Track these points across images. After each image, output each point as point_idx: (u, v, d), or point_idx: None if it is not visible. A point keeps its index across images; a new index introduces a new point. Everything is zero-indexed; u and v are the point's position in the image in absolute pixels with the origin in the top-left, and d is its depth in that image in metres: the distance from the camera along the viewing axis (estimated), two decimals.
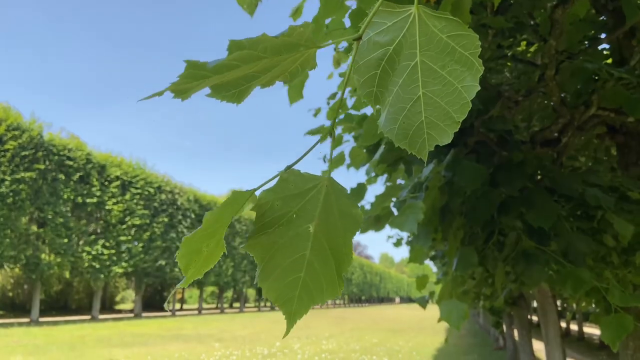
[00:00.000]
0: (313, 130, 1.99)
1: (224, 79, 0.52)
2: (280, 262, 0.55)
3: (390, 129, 0.51)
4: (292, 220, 0.55)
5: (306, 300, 0.56)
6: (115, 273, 18.93)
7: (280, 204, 0.55)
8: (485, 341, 16.51)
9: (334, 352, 11.69)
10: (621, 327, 1.58)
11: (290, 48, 0.52)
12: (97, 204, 18.10)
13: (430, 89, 0.49)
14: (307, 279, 0.56)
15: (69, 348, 10.39)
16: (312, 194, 0.55)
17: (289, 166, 0.57)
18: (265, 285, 0.56)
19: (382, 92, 0.53)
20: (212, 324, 18.98)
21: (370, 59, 0.52)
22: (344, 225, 0.54)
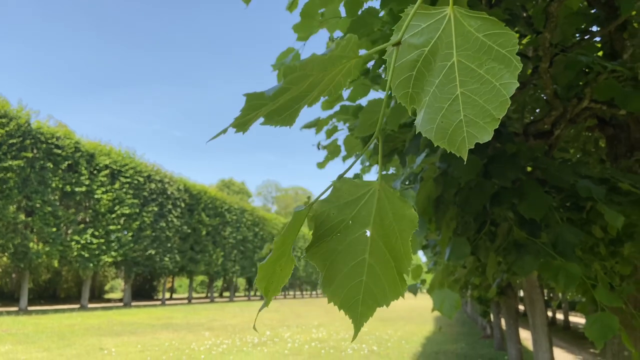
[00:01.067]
0: (309, 124, 1.99)
1: (277, 104, 0.53)
2: (341, 267, 0.57)
3: (429, 128, 0.52)
4: (348, 226, 0.56)
5: (370, 303, 0.57)
6: (105, 262, 18.85)
7: (335, 213, 0.56)
8: (473, 330, 16.71)
9: (324, 340, 11.77)
10: (607, 327, 1.60)
11: (335, 62, 0.53)
12: (86, 193, 17.97)
13: (469, 88, 0.50)
14: (369, 282, 0.56)
15: (59, 337, 10.37)
16: (365, 200, 0.56)
17: (341, 175, 0.58)
18: (329, 291, 0.57)
19: (417, 93, 0.54)
20: (202, 313, 19.01)
21: (405, 61, 0.53)
22: (400, 227, 0.55)
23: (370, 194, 0.56)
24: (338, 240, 0.56)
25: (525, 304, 7.49)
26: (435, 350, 10.80)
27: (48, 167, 16.23)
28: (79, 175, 17.65)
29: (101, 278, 31.08)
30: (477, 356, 10.10)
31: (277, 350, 9.77)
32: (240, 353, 9.17)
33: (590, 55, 1.59)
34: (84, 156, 17.95)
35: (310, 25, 1.61)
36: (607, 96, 1.68)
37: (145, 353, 8.69)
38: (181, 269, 24.10)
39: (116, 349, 9.06)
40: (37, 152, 15.84)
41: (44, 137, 16.21)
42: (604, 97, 1.68)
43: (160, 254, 21.90)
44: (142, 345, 9.62)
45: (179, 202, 23.41)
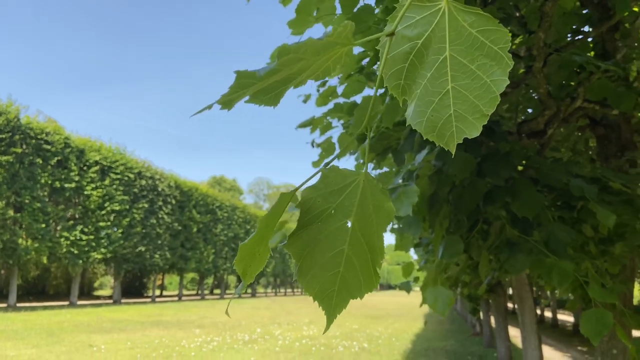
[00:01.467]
0: (304, 123, 1.98)
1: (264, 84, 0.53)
2: (319, 257, 0.56)
3: (418, 121, 0.52)
4: (331, 215, 0.56)
5: (345, 295, 0.57)
6: (94, 259, 18.73)
7: (321, 201, 0.55)
8: (463, 327, 16.82)
9: (315, 338, 11.79)
10: (601, 324, 1.62)
11: (328, 48, 0.52)
12: (76, 189, 17.82)
13: (459, 83, 0.50)
14: (345, 274, 0.56)
15: (48, 333, 10.30)
16: (350, 190, 0.56)
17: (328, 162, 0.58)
18: (305, 281, 0.57)
19: (409, 85, 0.53)
20: (193, 310, 18.96)
21: (398, 53, 0.53)
22: (378, 219, 0.55)
23: (354, 184, 0.56)
24: (319, 229, 0.56)
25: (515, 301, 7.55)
26: (425, 347, 10.86)
27: (37, 162, 16.08)
28: (69, 171, 17.50)
29: (90, 275, 30.88)
30: (467, 353, 10.17)
31: (267, 347, 9.77)
32: (231, 350, 9.17)
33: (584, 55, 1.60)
34: (73, 152, 17.80)
35: (305, 21, 1.61)
36: (600, 96, 1.69)
37: (135, 350, 8.65)
38: (172, 266, 24.00)
39: (105, 346, 9.02)
40: (26, 147, 15.68)
41: (34, 133, 16.05)
42: (597, 96, 1.70)
43: (151, 251, 21.79)
44: (132, 343, 9.58)
45: (170, 199, 23.29)
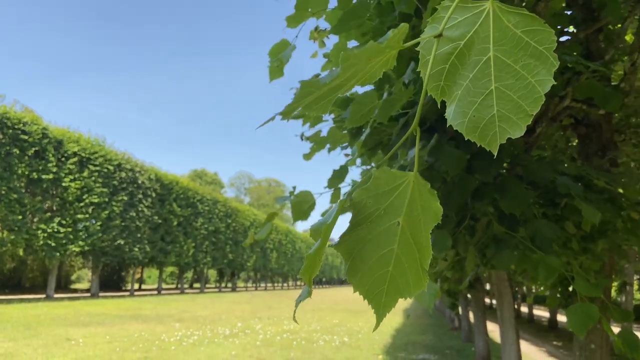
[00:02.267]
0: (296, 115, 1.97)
1: (320, 92, 0.53)
2: (368, 257, 0.56)
3: (460, 122, 0.52)
4: (380, 216, 0.56)
5: (394, 294, 0.57)
6: (72, 252, 18.44)
7: (372, 202, 0.56)
8: (441, 322, 17.04)
9: (296, 332, 11.83)
10: (587, 317, 1.66)
11: (381, 52, 0.52)
12: (53, 181, 17.49)
13: (503, 83, 0.50)
14: (395, 273, 0.57)
15: (24, 327, 10.13)
16: (400, 190, 0.56)
17: (379, 164, 0.58)
18: (355, 280, 0.57)
19: (449, 86, 0.54)
20: (172, 304, 18.83)
21: (439, 54, 0.53)
22: (425, 219, 0.56)
23: (404, 185, 0.56)
24: (368, 229, 0.56)
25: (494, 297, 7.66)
26: (405, 342, 10.98)
27: (14, 153, 15.74)
28: (46, 162, 17.16)
29: (67, 268, 30.43)
30: (445, 347, 10.32)
31: (248, 341, 9.77)
32: (212, 344, 9.14)
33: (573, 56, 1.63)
34: (51, 143, 17.46)
35: (302, 16, 1.61)
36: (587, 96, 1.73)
37: (114, 344, 8.57)
38: (151, 259, 23.76)
39: (84, 339, 8.91)
40: (2, 137, 15.34)
41: (10, 123, 15.69)
42: (584, 96, 1.73)
43: (130, 244, 21.55)
44: (111, 336, 9.48)
45: (150, 192, 23.04)
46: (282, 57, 1.72)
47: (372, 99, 1.24)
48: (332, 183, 1.77)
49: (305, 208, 1.71)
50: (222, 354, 8.12)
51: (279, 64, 1.74)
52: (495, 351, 9.66)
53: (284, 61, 1.73)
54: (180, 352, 8.04)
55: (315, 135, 2.26)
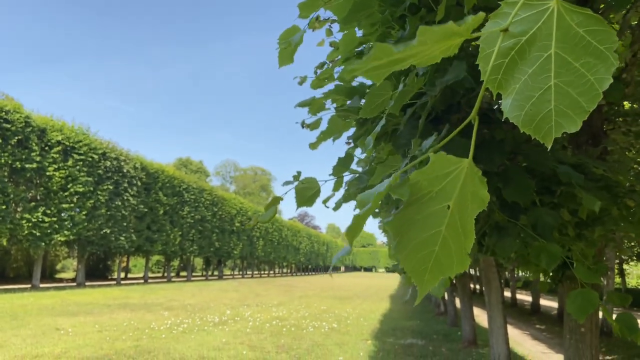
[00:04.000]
0: (303, 102, 1.99)
1: (382, 62, 0.54)
2: (416, 236, 0.59)
3: (516, 115, 0.55)
4: (432, 198, 0.58)
5: (437, 273, 0.60)
6: (57, 241, 18.26)
7: (426, 184, 0.58)
8: (427, 307, 17.28)
9: (284, 318, 11.92)
10: (588, 302, 1.72)
11: (449, 37, 0.54)
12: (37, 170, 17.24)
13: (562, 79, 0.52)
14: (440, 254, 0.59)
15: (11, 317, 10.06)
16: (453, 175, 0.58)
17: (436, 149, 0.60)
18: (402, 256, 0.60)
19: (506, 80, 0.55)
20: (160, 293, 18.80)
21: (499, 48, 0.55)
22: (472, 205, 0.58)
23: (458, 170, 0.58)
24: (418, 209, 0.59)
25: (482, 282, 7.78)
26: (392, 327, 11.14)
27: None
28: (30, 151, 16.90)
29: (52, 257, 30.11)
30: (432, 332, 10.50)
31: (238, 329, 9.83)
32: (202, 332, 9.18)
33: None
34: (34, 132, 17.17)
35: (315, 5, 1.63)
36: None
37: (104, 333, 8.57)
38: (137, 248, 23.64)
39: (73, 329, 8.89)
40: None
41: None
42: None
43: (116, 233, 21.40)
44: (100, 325, 9.47)
45: (135, 181, 22.84)
46: (292, 41, 1.73)
47: (386, 90, 1.27)
48: (338, 171, 1.80)
49: (310, 194, 1.73)
50: (213, 341, 8.17)
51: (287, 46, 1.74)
52: (481, 335, 9.86)
53: (294, 45, 1.74)
54: (170, 340, 8.07)
55: (316, 123, 2.29)
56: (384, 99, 1.28)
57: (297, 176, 1.68)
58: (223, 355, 6.95)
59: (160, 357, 6.69)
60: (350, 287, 30.69)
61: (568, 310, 1.75)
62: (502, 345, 5.99)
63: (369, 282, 41.02)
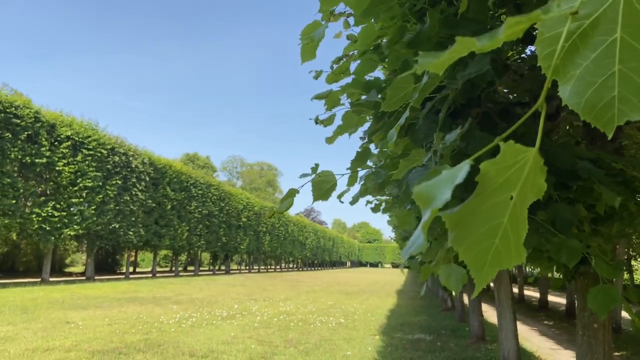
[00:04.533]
0: (320, 95, 1.99)
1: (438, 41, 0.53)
2: (476, 228, 0.57)
3: (576, 102, 0.53)
4: (496, 189, 0.57)
5: (495, 265, 0.58)
6: (67, 235, 18.41)
7: (493, 174, 0.56)
8: (434, 302, 17.28)
9: (292, 313, 11.96)
10: (609, 298, 1.71)
11: (514, 25, 0.52)
12: (47, 165, 17.37)
13: (628, 65, 0.50)
14: (500, 246, 0.57)
15: (22, 311, 10.16)
16: (519, 165, 0.56)
17: (503, 138, 0.58)
18: (461, 249, 0.58)
19: (564, 66, 0.54)
20: (168, 287, 18.91)
21: (559, 32, 0.53)
22: (530, 195, 0.57)
23: (524, 160, 0.56)
24: (481, 200, 0.57)
25: None
26: (400, 322, 11.15)
27: (6, 137, 15.58)
28: (39, 146, 17.01)
29: (61, 251, 30.37)
30: (440, 327, 10.50)
31: (246, 323, 9.88)
32: (210, 326, 9.24)
33: None
34: (44, 127, 17.28)
35: None
36: None
37: (114, 326, 8.64)
38: (145, 243, 23.79)
39: (83, 322, 8.97)
40: None
41: (2, 106, 15.49)
42: None
43: (124, 228, 21.54)
44: (110, 319, 9.55)
45: (144, 176, 22.95)
46: (314, 36, 1.72)
47: (408, 84, 1.27)
48: (355, 165, 1.80)
49: (326, 188, 1.73)
50: (222, 335, 8.22)
51: (310, 42, 1.74)
52: (489, 331, 9.85)
53: (317, 40, 1.74)
54: (180, 334, 8.13)
55: (330, 119, 2.28)
56: (405, 92, 1.28)
57: (315, 169, 1.68)
58: (232, 349, 6.99)
59: (170, 350, 6.74)
60: (357, 283, 30.73)
61: (589, 306, 1.74)
62: (511, 341, 5.98)
63: (375, 278, 41.06)
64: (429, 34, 1.41)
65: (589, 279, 2.85)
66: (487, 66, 1.20)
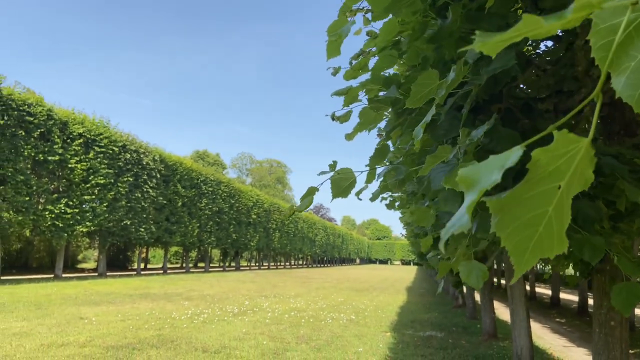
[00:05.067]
0: (340, 91, 1.99)
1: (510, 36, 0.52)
2: (521, 215, 0.57)
3: (629, 94, 0.52)
4: (544, 177, 0.56)
5: (537, 253, 0.58)
6: (79, 232, 18.59)
7: (544, 163, 0.56)
8: (444, 300, 17.23)
9: (303, 310, 11.99)
10: (633, 295, 1.69)
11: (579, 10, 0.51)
12: (59, 162, 17.54)
13: None
14: (543, 234, 0.57)
15: (36, 306, 10.28)
16: (570, 155, 0.56)
17: (556, 127, 0.57)
18: (504, 235, 0.58)
19: (619, 57, 0.53)
20: (179, 283, 19.04)
21: (615, 24, 0.52)
22: (576, 185, 0.57)
23: (575, 150, 0.56)
24: (527, 188, 0.57)
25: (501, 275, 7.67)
26: (411, 319, 11.14)
27: (20, 134, 15.75)
28: (52, 144, 17.18)
29: (74, 248, 30.68)
30: (451, 324, 10.47)
31: (257, 319, 9.92)
32: (222, 322, 9.29)
33: None
34: (56, 124, 17.44)
35: None
36: None
37: (127, 322, 8.71)
38: (157, 239, 23.95)
39: (96, 318, 9.06)
40: (8, 119, 15.32)
41: (15, 104, 15.66)
42: None
43: (136, 225, 21.70)
44: (122, 315, 9.63)
45: (155, 173, 23.10)
46: (341, 32, 1.72)
47: (433, 80, 1.26)
48: (374, 162, 1.80)
49: (346, 185, 1.73)
50: (233, 331, 8.26)
51: (337, 39, 1.74)
52: (501, 328, 9.81)
53: (343, 36, 1.74)
54: (192, 330, 8.18)
55: (346, 116, 2.28)
56: (430, 88, 1.27)
57: (333, 166, 1.68)
58: (244, 345, 7.02)
59: (183, 346, 6.79)
60: (367, 279, 30.72)
61: (613, 304, 1.72)
62: (524, 338, 5.95)
63: (384, 274, 41.02)
64: (450, 29, 1.41)
65: (605, 276, 2.82)
66: (513, 61, 1.19)
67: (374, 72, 1.83)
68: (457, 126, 1.41)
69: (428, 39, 1.46)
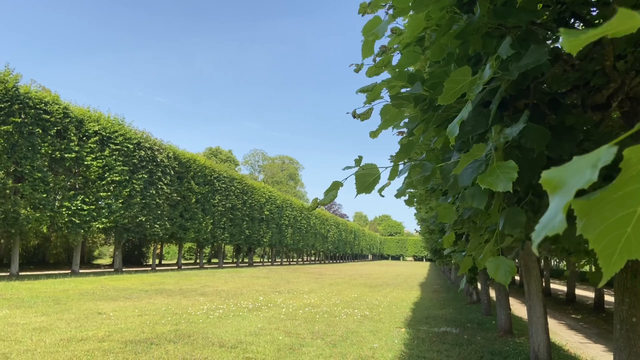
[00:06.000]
0: (365, 88, 2.00)
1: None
2: (608, 216, 0.56)
3: None
4: (633, 177, 0.56)
5: (625, 254, 0.57)
6: (95, 228, 18.81)
7: (635, 161, 0.54)
8: (459, 296, 17.16)
9: (317, 306, 12.02)
10: None
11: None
12: (76, 159, 17.77)
13: None
14: (631, 235, 0.56)
15: (54, 302, 10.43)
16: None
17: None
18: (592, 237, 0.57)
19: None
20: (193, 279, 19.19)
21: None
22: None
23: None
24: (615, 188, 0.56)
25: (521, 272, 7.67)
26: (425, 315, 11.12)
27: (37, 132, 15.97)
28: (68, 141, 17.40)
29: (90, 244, 31.07)
30: (466, 321, 10.43)
31: (272, 315, 9.98)
32: (237, 317, 9.35)
33: None
34: (72, 122, 17.66)
35: None
36: None
37: (144, 317, 8.81)
38: (171, 235, 24.17)
39: (114, 313, 9.17)
40: (25, 117, 15.54)
41: (32, 103, 15.87)
42: None
43: (151, 221, 21.90)
44: (139, 310, 9.74)
45: (169, 170, 23.29)
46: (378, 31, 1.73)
47: (465, 76, 1.26)
48: (399, 158, 1.80)
49: (370, 181, 1.74)
50: (249, 326, 8.32)
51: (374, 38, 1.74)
52: (516, 324, 9.76)
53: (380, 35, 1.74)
54: (208, 325, 8.25)
55: (367, 113, 2.29)
56: (462, 84, 1.27)
57: (359, 161, 1.68)
58: (260, 340, 7.07)
59: (200, 341, 6.85)
60: (379, 275, 30.70)
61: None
62: (541, 334, 5.91)
63: (397, 270, 40.96)
64: (477, 25, 1.40)
65: (627, 272, 2.80)
66: (546, 56, 1.19)
67: (399, 68, 1.84)
68: (483, 122, 1.41)
69: (455, 35, 1.46)
